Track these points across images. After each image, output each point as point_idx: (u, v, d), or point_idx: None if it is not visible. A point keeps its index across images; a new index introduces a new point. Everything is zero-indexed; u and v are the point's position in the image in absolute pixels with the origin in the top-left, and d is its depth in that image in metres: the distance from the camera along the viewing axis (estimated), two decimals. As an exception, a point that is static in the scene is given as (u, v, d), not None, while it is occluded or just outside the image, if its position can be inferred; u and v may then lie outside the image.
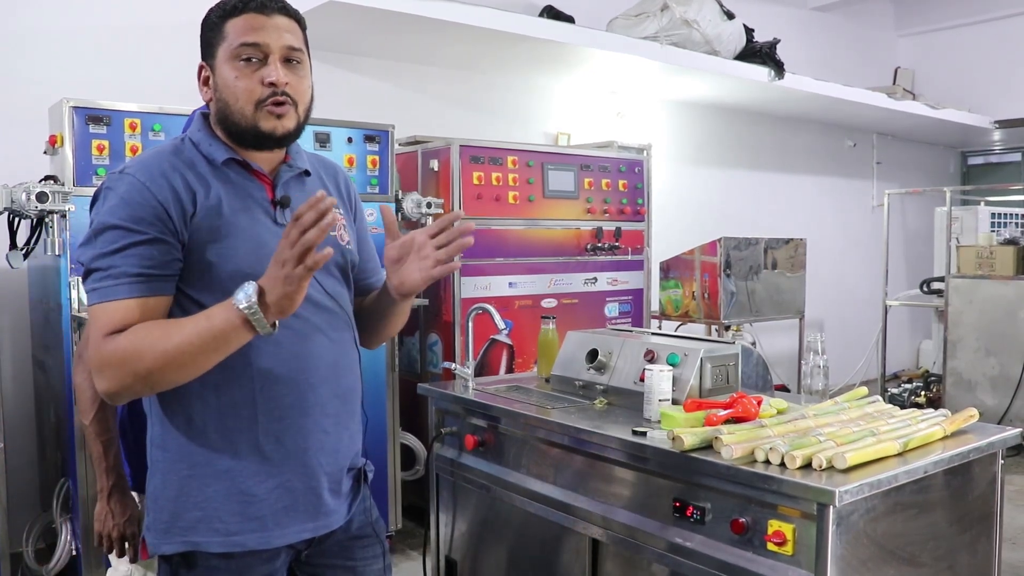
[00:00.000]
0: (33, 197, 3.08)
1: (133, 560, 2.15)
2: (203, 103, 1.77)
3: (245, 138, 1.69)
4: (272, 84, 1.65)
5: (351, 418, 1.83)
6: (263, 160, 1.74)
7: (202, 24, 1.71)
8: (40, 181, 3.18)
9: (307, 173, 1.82)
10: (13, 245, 3.32)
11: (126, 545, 2.13)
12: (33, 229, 3.28)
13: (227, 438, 1.66)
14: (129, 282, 1.55)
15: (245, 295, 1.49)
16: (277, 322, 1.53)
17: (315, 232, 1.44)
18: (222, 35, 1.66)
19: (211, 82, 1.70)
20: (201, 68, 1.72)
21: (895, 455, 2.07)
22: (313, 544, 1.80)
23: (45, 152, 3.43)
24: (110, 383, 1.55)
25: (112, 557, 2.25)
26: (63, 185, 3.19)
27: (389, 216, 1.84)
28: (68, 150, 3.22)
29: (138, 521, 2.14)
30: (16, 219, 3.30)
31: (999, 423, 5.45)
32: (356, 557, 1.88)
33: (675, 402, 2.46)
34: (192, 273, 1.63)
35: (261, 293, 1.49)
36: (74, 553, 3.36)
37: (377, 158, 3.99)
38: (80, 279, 1.67)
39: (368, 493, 1.95)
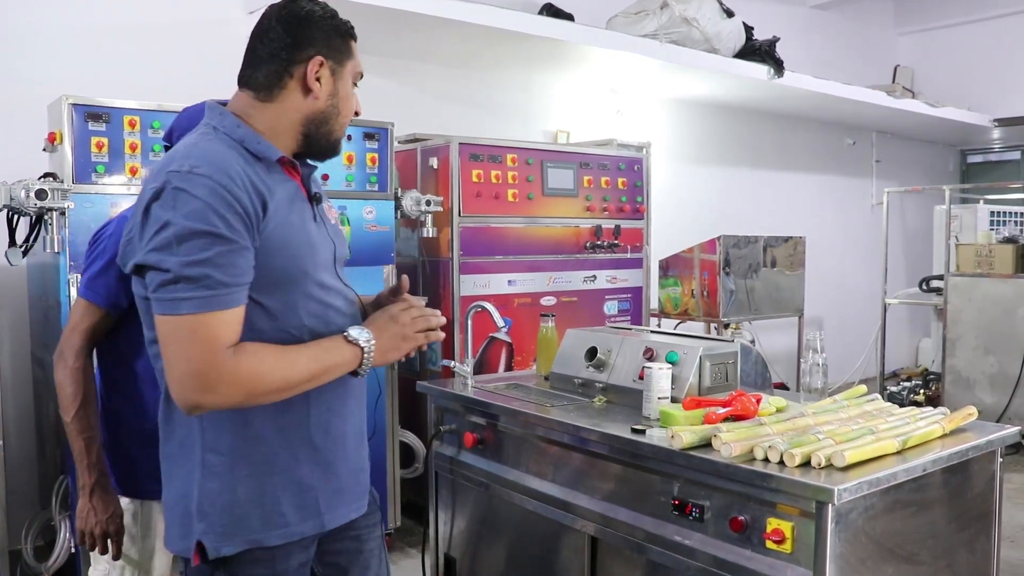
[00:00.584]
0: (32, 194, 3.08)
1: (116, 557, 2.15)
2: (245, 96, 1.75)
3: (329, 147, 1.80)
4: (357, 113, 1.85)
5: (365, 399, 1.94)
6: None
7: (313, 20, 1.73)
8: (39, 178, 3.17)
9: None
10: (12, 242, 3.31)
11: (109, 542, 2.13)
12: (32, 226, 3.27)
13: (284, 435, 1.71)
14: (226, 293, 1.55)
15: (365, 337, 1.70)
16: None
17: (440, 320, 1.82)
18: (350, 51, 1.78)
19: (325, 81, 1.74)
20: (321, 62, 1.73)
21: (894, 453, 2.07)
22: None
23: (44, 149, 3.43)
24: (218, 398, 1.56)
25: (93, 555, 2.24)
26: (62, 182, 3.18)
27: (405, 285, 1.90)
28: (67, 147, 3.21)
29: (119, 517, 2.15)
30: (15, 216, 3.29)
31: (998, 421, 5.45)
32: (359, 526, 1.93)
33: (674, 400, 2.46)
34: (260, 275, 1.63)
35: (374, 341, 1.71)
36: (73, 551, 3.36)
37: (376, 155, 3.98)
38: (137, 278, 1.63)
39: None
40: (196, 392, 1.54)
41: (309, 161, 1.81)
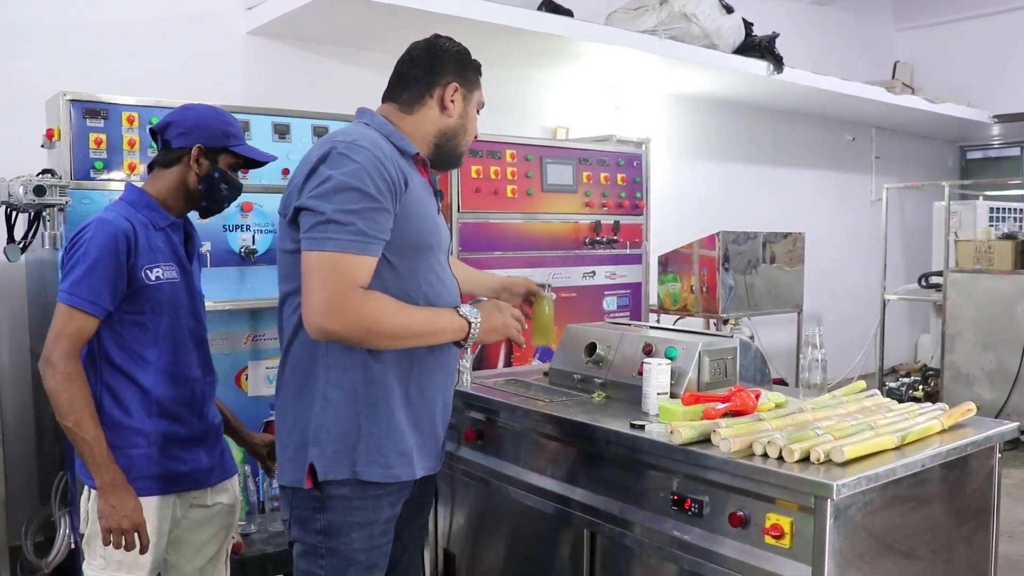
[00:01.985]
0: (30, 191, 3.06)
1: (144, 551, 2.15)
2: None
3: (453, 158, 2.19)
4: (475, 137, 2.23)
5: (454, 378, 2.23)
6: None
7: (452, 54, 2.14)
8: (37, 175, 3.16)
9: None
10: (11, 239, 3.31)
11: (137, 537, 2.13)
12: (30, 223, 3.27)
13: (394, 386, 1.98)
14: (366, 241, 1.86)
15: (474, 315, 2.02)
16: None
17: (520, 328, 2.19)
18: (477, 84, 2.19)
19: (457, 104, 2.12)
20: (456, 88, 2.12)
21: (893, 449, 2.08)
22: (419, 482, 2.12)
23: (42, 145, 3.42)
24: (343, 327, 1.84)
25: (88, 551, 2.24)
26: (60, 179, 3.17)
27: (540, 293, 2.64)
28: (65, 143, 3.21)
29: (140, 509, 2.14)
30: (13, 213, 3.29)
31: (997, 417, 5.45)
32: (422, 503, 2.26)
33: (673, 395, 2.46)
34: (395, 239, 1.93)
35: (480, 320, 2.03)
36: (72, 546, 3.36)
37: (375, 152, 3.98)
38: (287, 226, 1.96)
39: None
40: (327, 317, 1.82)
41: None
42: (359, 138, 1.93)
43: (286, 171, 3.53)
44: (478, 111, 2.20)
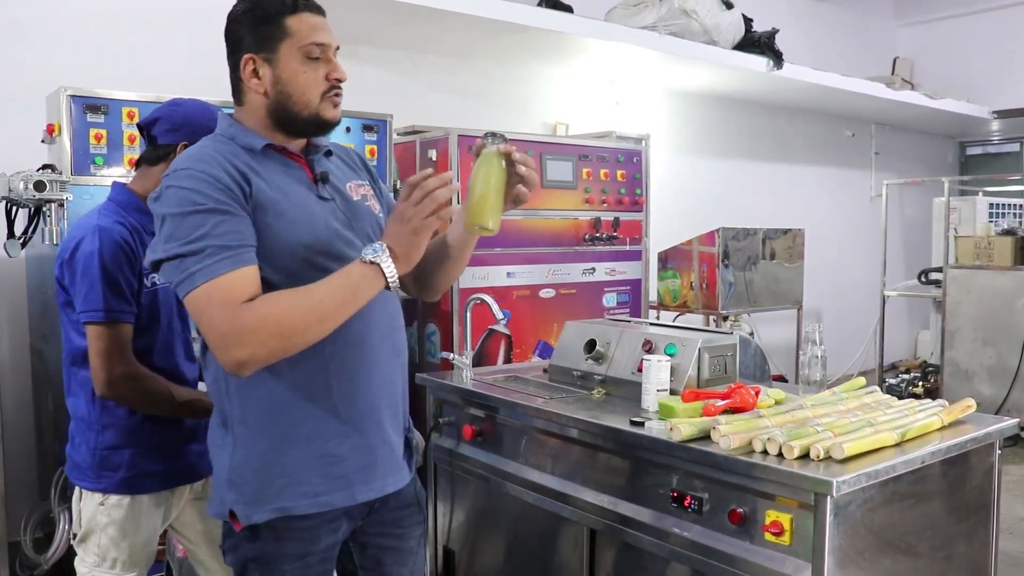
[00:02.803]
0: (31, 186, 3.07)
1: None
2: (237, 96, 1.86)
3: (304, 126, 1.83)
4: (338, 80, 1.83)
5: (404, 375, 1.99)
6: (295, 145, 1.87)
7: (242, 18, 1.82)
8: (38, 170, 3.16)
9: (329, 152, 1.94)
10: (11, 234, 3.30)
11: None
12: (31, 218, 3.26)
13: (305, 405, 1.78)
14: (230, 255, 1.65)
15: (373, 249, 1.68)
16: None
17: (447, 191, 1.71)
18: (284, 31, 1.78)
19: (263, 74, 1.79)
20: (249, 61, 1.80)
21: (893, 445, 2.08)
22: (371, 511, 1.91)
23: (43, 141, 3.42)
24: (253, 348, 1.63)
25: (81, 548, 2.27)
26: (60, 174, 3.17)
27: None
28: (66, 138, 3.21)
29: None
30: (13, 208, 3.29)
31: (996, 413, 5.45)
32: (404, 525, 2.01)
33: (673, 392, 2.47)
34: (258, 247, 1.72)
35: (387, 248, 1.69)
36: (72, 542, 3.36)
37: (375, 147, 3.98)
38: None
39: (415, 464, 2.06)
40: (231, 351, 1.62)
41: (319, 141, 1.90)
42: (181, 162, 1.74)
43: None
44: (314, 57, 1.80)
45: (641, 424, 2.30)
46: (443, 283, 2.09)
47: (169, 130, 2.22)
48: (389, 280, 1.70)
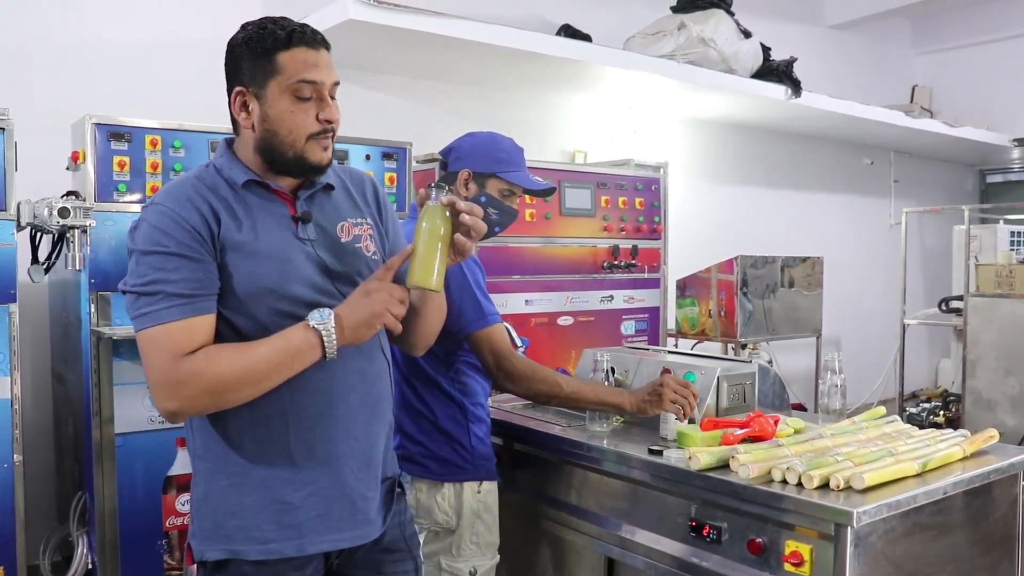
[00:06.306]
0: (55, 212, 3.11)
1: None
2: (232, 126, 1.80)
3: (290, 167, 1.75)
4: (328, 121, 1.74)
5: (382, 426, 1.87)
6: (285, 181, 1.79)
7: (238, 49, 1.73)
8: (62, 196, 3.21)
9: (330, 187, 1.84)
10: (35, 260, 3.35)
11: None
12: (54, 244, 3.31)
13: (261, 449, 1.73)
14: (181, 303, 1.62)
15: (321, 316, 1.64)
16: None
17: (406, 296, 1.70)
18: (274, 67, 1.69)
19: (252, 109, 1.72)
20: (239, 94, 1.73)
21: (914, 476, 2.06)
22: (343, 554, 1.82)
23: (67, 168, 3.47)
24: (183, 402, 1.62)
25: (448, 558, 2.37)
26: (84, 201, 3.22)
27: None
28: (90, 166, 3.25)
29: None
30: (38, 234, 3.33)
31: (1020, 444, 5.39)
32: (386, 571, 1.90)
33: (692, 421, 2.46)
34: (222, 292, 1.68)
35: (337, 318, 1.65)
36: (90, 567, 3.37)
37: (395, 175, 4.01)
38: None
39: (405, 506, 1.96)
40: (163, 401, 1.62)
41: (319, 180, 1.81)
42: (157, 196, 1.71)
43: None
44: (305, 97, 1.71)
45: (660, 453, 2.29)
46: (420, 340, 1.97)
47: (457, 159, 2.44)
48: (327, 351, 1.65)
